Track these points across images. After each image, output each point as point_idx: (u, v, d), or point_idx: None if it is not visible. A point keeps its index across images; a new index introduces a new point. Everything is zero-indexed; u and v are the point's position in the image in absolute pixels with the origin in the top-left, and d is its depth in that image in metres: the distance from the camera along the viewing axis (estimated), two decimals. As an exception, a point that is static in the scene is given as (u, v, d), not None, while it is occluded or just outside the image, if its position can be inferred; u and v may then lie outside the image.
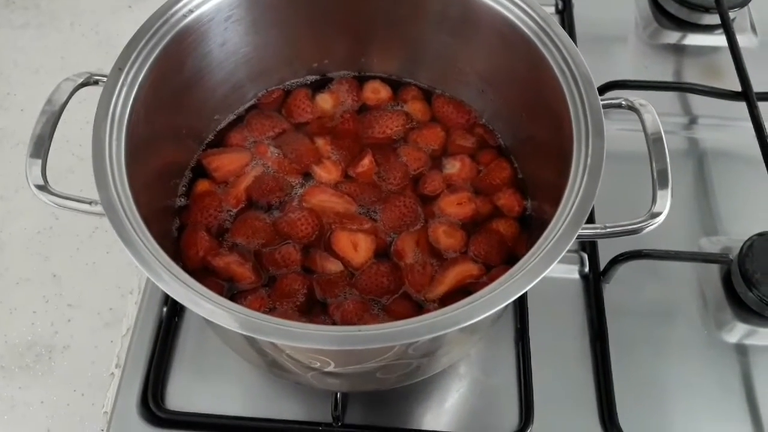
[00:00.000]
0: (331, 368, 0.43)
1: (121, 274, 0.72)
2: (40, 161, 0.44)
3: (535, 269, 0.37)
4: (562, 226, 0.39)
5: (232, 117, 0.61)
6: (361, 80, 0.63)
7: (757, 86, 0.70)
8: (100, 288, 0.72)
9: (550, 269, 0.37)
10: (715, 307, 0.62)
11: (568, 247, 0.38)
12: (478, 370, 0.58)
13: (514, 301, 0.59)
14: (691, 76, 0.79)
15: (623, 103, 0.46)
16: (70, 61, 0.88)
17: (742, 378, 0.58)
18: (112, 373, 0.59)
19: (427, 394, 0.56)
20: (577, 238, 0.40)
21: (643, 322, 0.61)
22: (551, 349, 0.59)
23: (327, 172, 0.57)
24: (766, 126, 0.66)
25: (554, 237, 0.38)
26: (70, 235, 0.73)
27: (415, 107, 0.61)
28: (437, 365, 0.50)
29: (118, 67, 0.46)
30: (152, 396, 0.55)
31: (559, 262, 0.62)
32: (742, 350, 0.60)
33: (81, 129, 0.48)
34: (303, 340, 0.36)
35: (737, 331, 0.61)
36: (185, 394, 0.56)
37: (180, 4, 0.50)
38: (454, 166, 0.58)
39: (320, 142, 0.59)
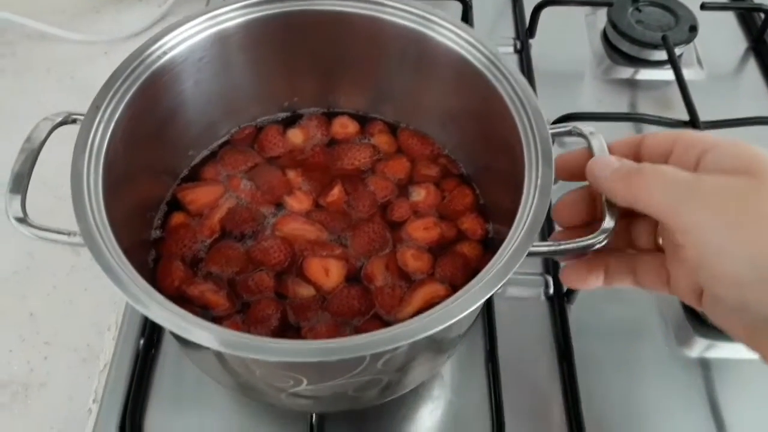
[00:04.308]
0: (303, 386, 0.45)
1: (98, 311, 0.72)
2: (19, 196, 0.45)
3: (488, 285, 0.39)
4: (515, 243, 0.41)
5: (206, 153, 0.63)
6: (329, 116, 0.66)
7: (704, 115, 0.75)
8: (77, 325, 0.72)
9: (501, 284, 0.39)
10: (675, 324, 0.64)
11: (519, 262, 0.40)
12: (451, 391, 0.59)
13: (483, 323, 0.62)
14: (644, 108, 0.83)
15: (573, 129, 0.49)
16: (47, 106, 0.90)
17: (706, 391, 0.61)
18: (90, 409, 0.60)
19: (402, 416, 0.58)
20: (531, 255, 0.42)
21: (607, 341, 0.63)
22: (521, 369, 0.61)
23: (298, 202, 0.59)
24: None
25: (507, 253, 0.41)
26: (47, 273, 0.74)
27: (382, 140, 0.64)
28: (409, 381, 0.52)
29: (96, 105, 0.49)
30: (130, 429, 0.55)
31: (526, 285, 0.66)
32: (704, 364, 0.62)
33: (60, 170, 0.50)
34: (277, 353, 0.37)
35: (698, 346, 0.63)
36: (163, 426, 0.57)
37: (155, 47, 0.53)
38: (419, 194, 0.60)
39: (291, 174, 0.61)
